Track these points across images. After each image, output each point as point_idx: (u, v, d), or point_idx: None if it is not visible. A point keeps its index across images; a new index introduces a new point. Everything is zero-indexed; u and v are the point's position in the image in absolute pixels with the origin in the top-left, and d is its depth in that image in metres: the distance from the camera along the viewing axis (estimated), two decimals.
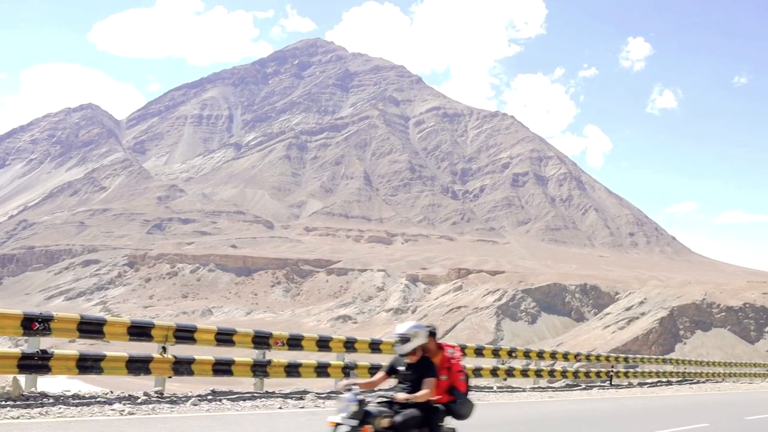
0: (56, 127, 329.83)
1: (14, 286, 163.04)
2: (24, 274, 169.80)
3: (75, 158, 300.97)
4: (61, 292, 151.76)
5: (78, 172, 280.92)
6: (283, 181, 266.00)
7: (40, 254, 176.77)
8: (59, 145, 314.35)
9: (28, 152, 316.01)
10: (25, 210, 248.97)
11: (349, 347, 15.57)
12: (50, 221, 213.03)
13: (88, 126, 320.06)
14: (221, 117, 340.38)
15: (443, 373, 6.35)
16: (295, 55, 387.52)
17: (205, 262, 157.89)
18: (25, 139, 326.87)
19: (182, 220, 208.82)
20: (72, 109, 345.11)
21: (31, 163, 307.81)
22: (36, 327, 10.29)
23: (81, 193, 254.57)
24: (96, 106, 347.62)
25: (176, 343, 12.18)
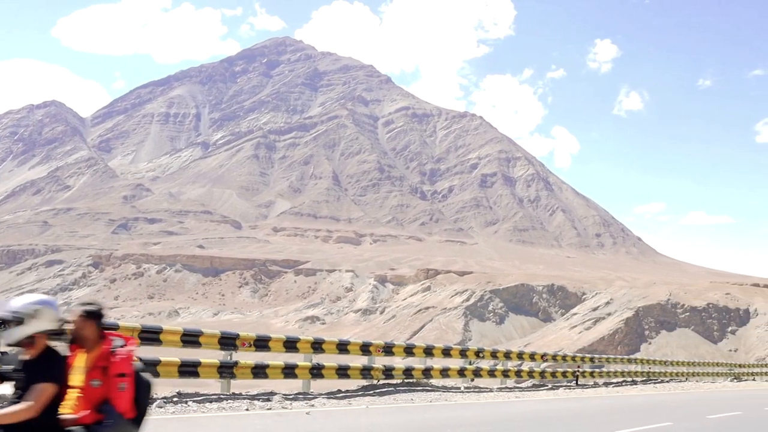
0: (19, 124, 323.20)
1: None
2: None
3: (38, 156, 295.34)
4: (23, 293, 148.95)
5: (41, 170, 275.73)
6: (251, 181, 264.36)
7: (1, 254, 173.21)
8: (22, 142, 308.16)
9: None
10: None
11: (317, 348, 15.47)
12: (12, 220, 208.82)
13: (51, 123, 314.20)
14: (188, 115, 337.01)
15: (95, 376, 4.08)
16: (263, 54, 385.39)
17: (172, 262, 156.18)
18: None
19: (148, 219, 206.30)
20: (35, 106, 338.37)
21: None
22: None
23: (44, 191, 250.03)
24: (60, 104, 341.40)
25: (141, 345, 12.06)
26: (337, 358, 16.41)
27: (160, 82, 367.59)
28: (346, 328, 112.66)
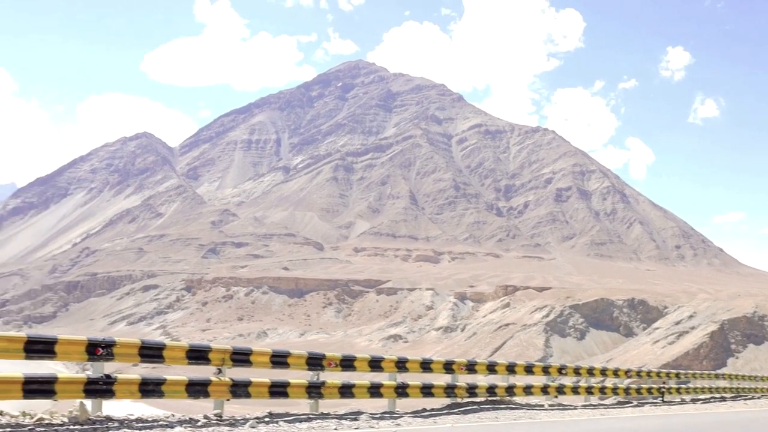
0: (114, 156, 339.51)
1: (80, 312, 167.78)
2: (88, 300, 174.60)
3: (132, 186, 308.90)
4: (123, 317, 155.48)
5: (135, 199, 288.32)
6: (331, 203, 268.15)
7: (102, 280, 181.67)
8: (117, 173, 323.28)
9: (88, 181, 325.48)
10: (88, 237, 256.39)
11: (401, 367, 15.81)
12: (111, 248, 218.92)
13: (143, 154, 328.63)
14: (269, 141, 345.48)
15: None
16: (338, 78, 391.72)
17: (259, 284, 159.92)
18: (85, 169, 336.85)
19: (235, 243, 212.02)
20: (128, 138, 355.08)
21: (92, 191, 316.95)
22: (99, 352, 10.63)
23: (139, 219, 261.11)
24: (150, 135, 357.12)
25: (233, 366, 12.50)
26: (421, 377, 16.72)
27: (242, 110, 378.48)
28: (428, 346, 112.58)
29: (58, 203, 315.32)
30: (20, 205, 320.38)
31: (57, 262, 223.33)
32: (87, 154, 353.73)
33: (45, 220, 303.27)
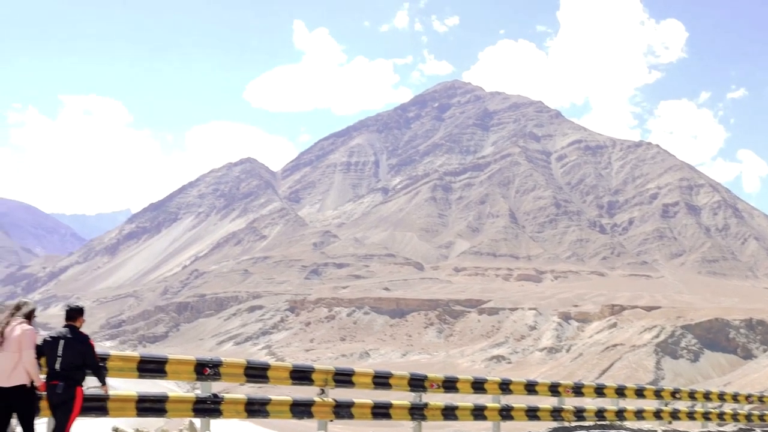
0: (220, 181, 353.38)
1: (190, 332, 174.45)
2: (197, 321, 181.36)
3: (237, 209, 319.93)
4: (230, 337, 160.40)
5: (240, 222, 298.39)
6: (430, 223, 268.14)
7: (210, 301, 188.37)
8: (223, 197, 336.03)
9: (196, 206, 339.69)
10: (196, 260, 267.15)
11: (505, 389, 15.54)
12: (218, 270, 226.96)
13: (247, 179, 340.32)
14: (368, 163, 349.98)
15: None
16: (434, 98, 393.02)
17: (360, 305, 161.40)
18: (193, 194, 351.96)
19: (337, 264, 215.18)
20: (233, 164, 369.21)
21: (200, 216, 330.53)
22: (207, 372, 11.01)
23: (244, 242, 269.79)
24: (254, 160, 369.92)
25: (336, 387, 12.68)
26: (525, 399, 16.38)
27: (341, 133, 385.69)
28: (532, 368, 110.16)
29: (168, 227, 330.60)
30: (134, 230, 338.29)
31: (168, 283, 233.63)
32: (195, 180, 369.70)
33: (157, 243, 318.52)
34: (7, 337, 7.91)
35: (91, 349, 8.44)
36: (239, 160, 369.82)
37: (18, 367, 7.86)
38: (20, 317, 8.12)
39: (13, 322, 8.03)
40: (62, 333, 8.33)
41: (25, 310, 8.21)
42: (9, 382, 7.84)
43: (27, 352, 7.92)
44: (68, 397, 8.17)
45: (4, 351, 7.85)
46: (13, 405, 7.91)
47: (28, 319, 8.17)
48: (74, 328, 8.43)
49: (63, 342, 8.23)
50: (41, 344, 8.23)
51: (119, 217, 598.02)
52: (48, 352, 8.21)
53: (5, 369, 7.82)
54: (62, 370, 8.15)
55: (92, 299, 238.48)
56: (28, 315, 8.18)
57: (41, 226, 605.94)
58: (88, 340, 8.43)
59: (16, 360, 7.85)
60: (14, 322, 8.03)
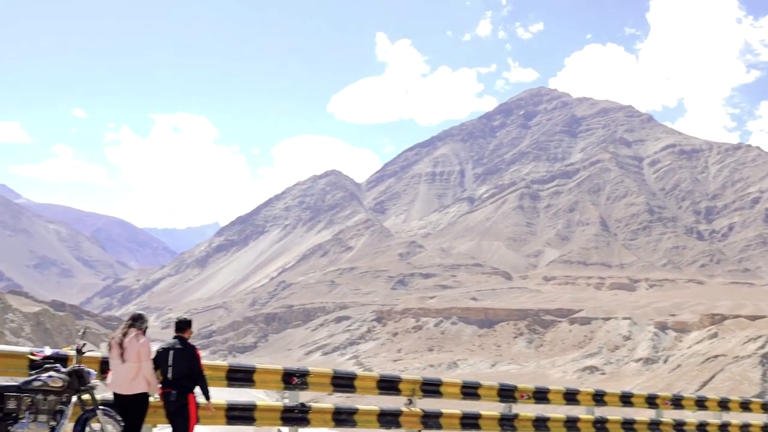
0: (305, 193, 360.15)
1: (278, 343, 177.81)
2: (285, 331, 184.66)
3: (323, 221, 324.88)
4: (318, 347, 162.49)
5: (326, 234, 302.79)
6: (518, 232, 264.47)
7: (298, 312, 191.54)
8: (309, 210, 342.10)
9: (283, 219, 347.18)
10: (283, 272, 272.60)
11: (599, 400, 15.05)
12: (305, 281, 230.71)
13: (332, 191, 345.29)
14: (453, 173, 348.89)
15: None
16: (520, 106, 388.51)
17: (448, 315, 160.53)
18: (280, 207, 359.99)
19: (423, 275, 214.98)
20: (318, 176, 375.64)
21: (286, 228, 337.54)
22: (294, 381, 11.22)
23: (330, 253, 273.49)
24: (338, 172, 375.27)
25: (423, 397, 12.59)
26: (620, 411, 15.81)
27: (425, 144, 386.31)
28: (628, 379, 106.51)
29: (256, 240, 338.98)
30: (223, 242, 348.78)
31: (256, 295, 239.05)
32: (281, 193, 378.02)
33: (245, 256, 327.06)
34: (126, 348, 8.57)
35: (197, 359, 9.01)
36: (324, 173, 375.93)
37: (138, 377, 8.57)
38: (136, 329, 8.76)
39: (130, 334, 8.67)
40: (172, 344, 9.03)
41: (141, 323, 8.87)
42: (130, 390, 8.57)
43: (146, 363, 8.66)
44: (182, 405, 8.85)
45: (125, 362, 8.55)
46: (131, 411, 8.62)
47: (143, 331, 8.84)
48: (183, 339, 9.11)
49: (173, 352, 8.91)
50: (156, 355, 8.93)
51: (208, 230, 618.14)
52: (160, 362, 8.91)
53: (126, 378, 8.54)
54: (174, 379, 8.84)
55: (183, 310, 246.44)
56: (142, 327, 8.86)
57: (135, 240, 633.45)
58: (194, 350, 9.05)
59: (136, 370, 8.55)
60: (131, 334, 8.67)
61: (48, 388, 8.08)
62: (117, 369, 8.62)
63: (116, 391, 8.67)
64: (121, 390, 8.60)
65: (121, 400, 8.63)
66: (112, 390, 8.76)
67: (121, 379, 8.58)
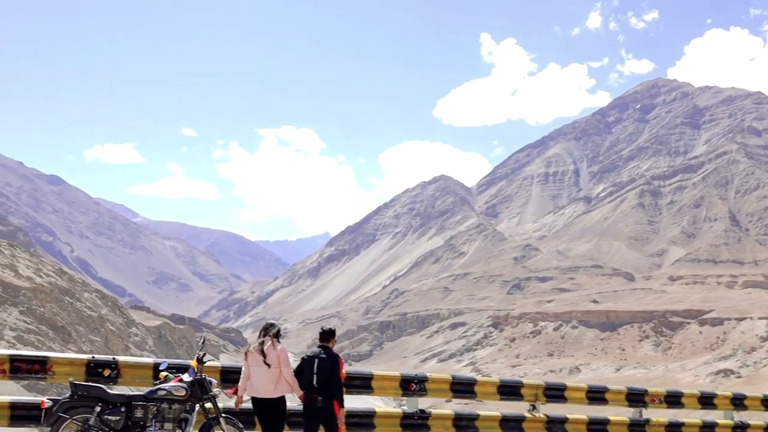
0: (415, 200, 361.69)
1: (393, 350, 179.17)
2: (400, 339, 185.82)
3: (434, 228, 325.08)
4: (433, 354, 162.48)
5: (438, 240, 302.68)
6: (639, 230, 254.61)
7: (412, 319, 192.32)
8: (419, 216, 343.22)
9: (393, 226, 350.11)
10: (396, 279, 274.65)
11: (738, 404, 14.05)
12: (418, 288, 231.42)
13: (442, 196, 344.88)
14: (567, 172, 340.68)
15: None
16: (636, 99, 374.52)
17: (567, 319, 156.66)
18: (389, 215, 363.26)
19: (539, 278, 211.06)
20: (427, 182, 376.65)
21: (396, 236, 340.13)
22: (413, 388, 11.22)
23: (442, 260, 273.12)
24: (448, 177, 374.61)
25: (546, 402, 12.22)
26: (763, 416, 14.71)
27: (536, 144, 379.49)
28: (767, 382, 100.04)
29: (367, 249, 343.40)
30: (334, 252, 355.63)
31: (370, 303, 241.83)
32: (390, 201, 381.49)
33: (357, 265, 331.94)
34: (266, 355, 9.13)
35: (338, 368, 9.44)
36: (433, 179, 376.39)
37: (280, 381, 9.16)
38: (271, 337, 9.33)
39: (267, 342, 9.24)
40: (316, 353, 9.53)
41: (273, 331, 9.42)
42: (273, 394, 9.17)
43: (286, 368, 9.22)
44: (327, 409, 9.28)
45: (267, 368, 9.13)
46: (273, 413, 9.24)
47: (277, 338, 9.42)
48: (327, 348, 9.58)
49: (318, 361, 9.37)
50: (300, 362, 9.54)
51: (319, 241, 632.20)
52: (306, 370, 9.42)
53: (269, 383, 9.12)
54: (319, 386, 9.28)
55: (298, 321, 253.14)
56: (276, 335, 9.44)
57: (248, 253, 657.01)
58: (337, 359, 9.50)
59: (277, 375, 9.14)
60: (268, 342, 9.24)
61: (172, 397, 8.57)
62: (258, 375, 9.17)
63: (258, 395, 9.21)
64: (263, 394, 9.15)
65: (263, 403, 9.20)
66: (252, 395, 9.29)
67: (264, 384, 9.13)
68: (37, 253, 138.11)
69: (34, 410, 9.15)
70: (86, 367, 9.77)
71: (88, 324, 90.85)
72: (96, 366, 9.78)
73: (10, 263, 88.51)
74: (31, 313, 77.44)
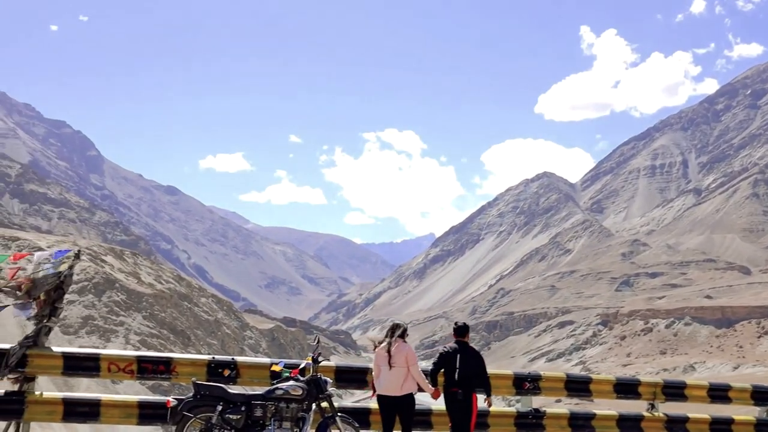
0: (518, 198, 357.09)
1: (500, 350, 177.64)
2: (507, 339, 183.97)
3: (538, 225, 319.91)
4: (542, 353, 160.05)
5: (543, 238, 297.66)
6: (754, 222, 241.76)
7: (519, 319, 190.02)
8: (523, 215, 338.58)
9: (497, 225, 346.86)
10: (501, 279, 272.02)
11: None
12: (524, 287, 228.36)
13: (546, 193, 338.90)
14: (675, 164, 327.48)
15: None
16: (745, 85, 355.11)
17: (680, 315, 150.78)
18: (493, 214, 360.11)
19: (649, 274, 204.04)
20: (530, 180, 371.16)
21: (501, 235, 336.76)
22: (526, 386, 11.17)
23: (548, 257, 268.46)
24: (551, 174, 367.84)
25: (666, 401, 11.98)
26: None
27: (641, 136, 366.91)
28: None
29: (472, 249, 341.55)
30: (439, 253, 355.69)
31: (476, 303, 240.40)
32: (493, 200, 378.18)
33: (462, 265, 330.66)
34: (393, 355, 9.34)
35: (483, 362, 9.74)
36: (536, 176, 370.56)
37: (408, 379, 9.31)
38: (397, 337, 9.54)
39: (394, 342, 9.45)
40: (455, 348, 9.74)
41: (399, 331, 9.61)
42: (401, 392, 9.29)
43: (414, 367, 9.37)
44: (467, 402, 9.53)
45: (394, 367, 9.31)
46: (402, 411, 9.38)
47: (403, 338, 9.58)
48: (465, 343, 9.82)
49: (459, 356, 9.59)
50: (440, 357, 9.75)
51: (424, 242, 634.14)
52: (446, 364, 9.66)
53: (397, 382, 9.28)
54: (460, 380, 9.52)
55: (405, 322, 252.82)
56: (402, 335, 9.60)
57: (354, 256, 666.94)
58: (479, 354, 9.82)
59: (405, 374, 9.29)
60: (395, 342, 9.45)
61: (289, 396, 8.83)
62: (386, 374, 9.37)
63: (387, 393, 9.38)
64: (392, 392, 9.32)
65: (391, 401, 9.37)
66: (380, 392, 9.45)
67: (392, 383, 9.30)
68: (158, 261, 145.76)
69: (161, 409, 9.60)
70: (207, 367, 10.15)
71: (205, 328, 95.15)
72: (216, 366, 10.15)
73: (133, 271, 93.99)
74: (153, 317, 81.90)
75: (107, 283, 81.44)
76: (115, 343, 72.78)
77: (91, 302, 77.54)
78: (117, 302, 79.63)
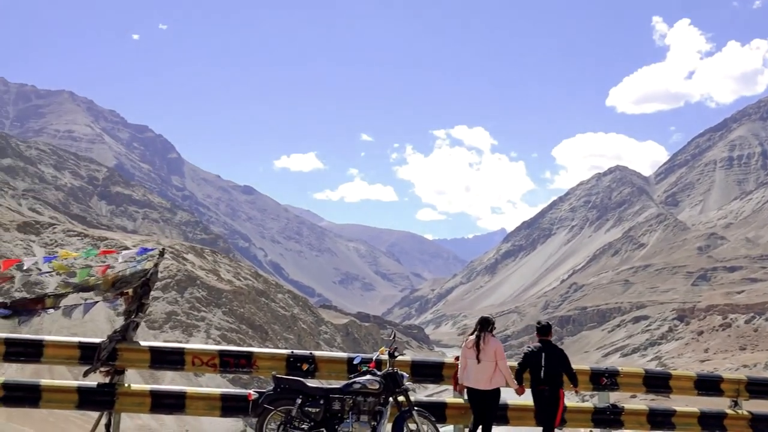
0: (590, 193, 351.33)
1: (573, 345, 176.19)
2: (580, 334, 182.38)
3: (611, 220, 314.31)
4: (616, 348, 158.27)
5: (616, 232, 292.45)
6: None
7: (592, 314, 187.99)
8: (595, 209, 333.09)
9: (569, 220, 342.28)
10: (574, 274, 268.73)
11: None
12: (597, 282, 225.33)
13: (618, 187, 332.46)
14: (753, 155, 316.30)
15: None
16: None
17: (761, 310, 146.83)
18: (565, 209, 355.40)
19: (727, 268, 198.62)
20: (602, 174, 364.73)
21: (573, 229, 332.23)
22: (604, 382, 10.91)
23: (621, 252, 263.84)
24: (623, 167, 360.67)
25: (750, 398, 11.62)
26: None
27: (717, 127, 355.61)
28: None
29: (543, 243, 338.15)
30: (511, 248, 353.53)
31: (548, 298, 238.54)
32: (565, 195, 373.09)
33: (533, 260, 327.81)
34: (482, 350, 9.50)
35: (567, 359, 9.88)
36: (608, 169, 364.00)
37: (496, 374, 9.51)
38: (486, 332, 9.67)
39: (483, 337, 9.60)
40: (540, 347, 9.90)
41: (488, 326, 9.72)
42: (490, 386, 9.52)
43: (502, 362, 9.57)
44: (554, 399, 9.71)
45: (483, 361, 9.50)
46: (488, 404, 9.57)
47: (491, 333, 9.73)
48: (549, 342, 9.98)
49: (544, 354, 9.76)
50: (525, 357, 9.94)
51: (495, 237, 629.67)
52: (532, 363, 9.83)
53: (486, 376, 9.49)
54: (546, 377, 9.69)
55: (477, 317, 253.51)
56: (491, 329, 9.73)
57: (426, 252, 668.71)
58: (563, 352, 9.90)
59: (493, 368, 9.49)
60: (484, 337, 9.60)
61: (367, 390, 8.92)
62: (474, 368, 9.52)
63: (475, 387, 9.54)
64: (480, 386, 9.48)
65: (479, 395, 9.51)
66: (468, 385, 9.64)
67: (481, 376, 9.47)
68: (236, 258, 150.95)
69: (242, 402, 9.81)
70: (286, 361, 10.22)
71: (282, 323, 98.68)
72: (295, 360, 10.22)
73: (213, 268, 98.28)
74: (233, 313, 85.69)
75: (189, 280, 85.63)
76: (196, 337, 76.54)
77: (174, 298, 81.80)
78: (198, 298, 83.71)
